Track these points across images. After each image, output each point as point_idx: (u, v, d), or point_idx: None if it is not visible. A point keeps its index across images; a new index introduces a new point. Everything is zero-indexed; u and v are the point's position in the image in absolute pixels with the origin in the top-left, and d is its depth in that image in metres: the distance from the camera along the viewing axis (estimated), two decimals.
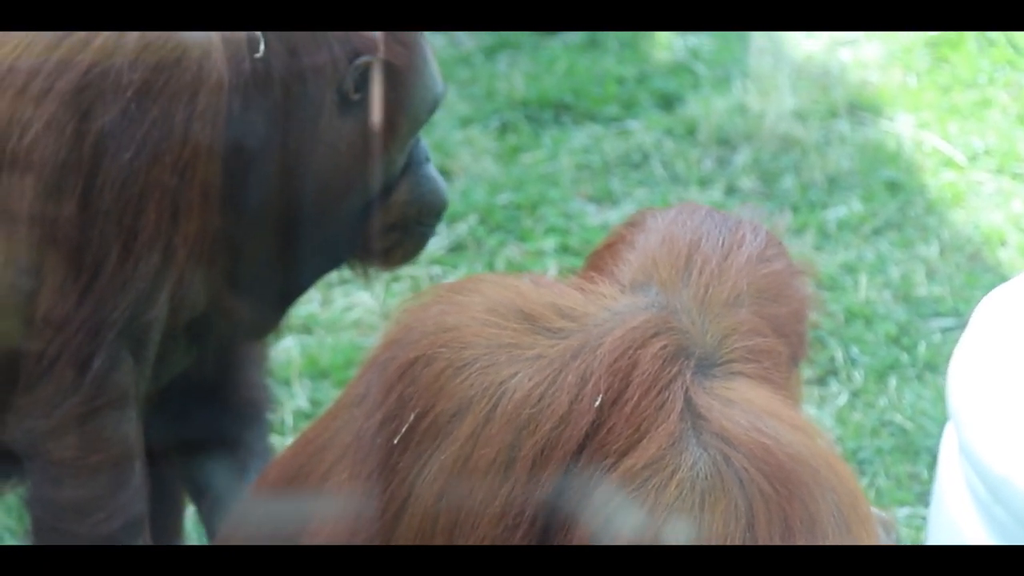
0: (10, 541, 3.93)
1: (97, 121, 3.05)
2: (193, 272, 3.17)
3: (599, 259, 2.66)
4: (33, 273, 3.12)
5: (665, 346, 2.40)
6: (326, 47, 3.21)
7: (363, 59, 3.20)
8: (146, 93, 3.06)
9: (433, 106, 3.35)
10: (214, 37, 3.09)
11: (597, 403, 2.36)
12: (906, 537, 3.93)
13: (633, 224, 2.67)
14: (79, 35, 3.07)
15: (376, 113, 3.24)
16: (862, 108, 5.74)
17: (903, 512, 4.02)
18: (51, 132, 3.07)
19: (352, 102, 3.21)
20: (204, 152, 3.09)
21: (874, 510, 2.54)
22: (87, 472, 3.16)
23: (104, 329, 3.11)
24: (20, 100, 3.09)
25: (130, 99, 3.06)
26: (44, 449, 3.17)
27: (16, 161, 3.09)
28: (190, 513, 3.99)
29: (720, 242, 2.57)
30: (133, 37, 3.05)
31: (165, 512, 3.70)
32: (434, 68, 3.34)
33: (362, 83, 3.21)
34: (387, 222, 3.33)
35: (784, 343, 2.56)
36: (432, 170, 3.38)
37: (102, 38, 3.06)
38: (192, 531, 3.98)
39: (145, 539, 3.23)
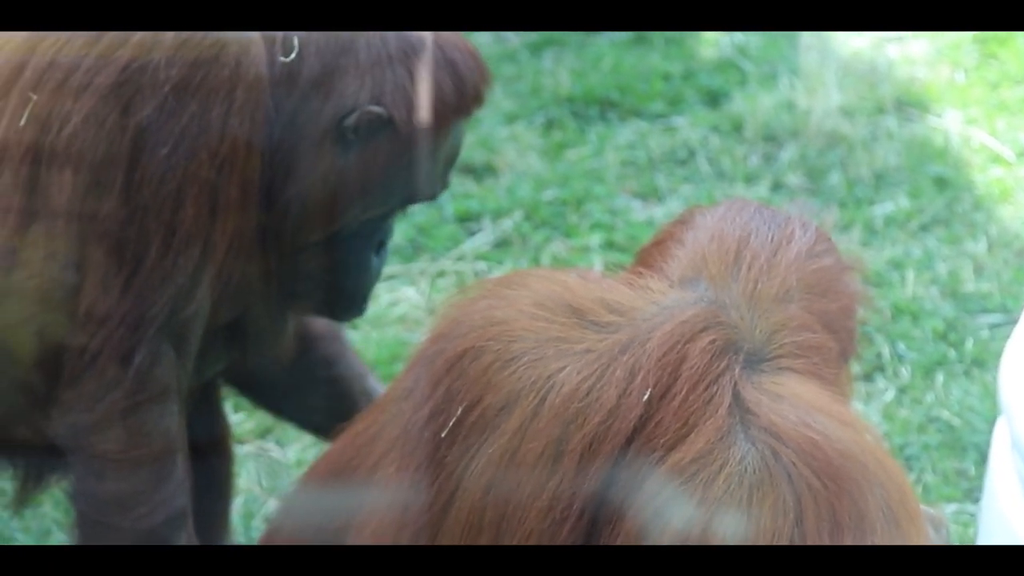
0: (57, 534, 3.96)
1: (135, 116, 3.07)
2: (232, 268, 3.18)
3: (647, 256, 2.66)
4: (75, 268, 3.14)
5: (714, 340, 2.39)
6: (355, 75, 3.19)
7: (378, 109, 3.18)
8: (184, 89, 3.07)
9: (410, 199, 3.30)
10: (253, 35, 3.09)
11: (646, 397, 2.36)
12: (954, 533, 3.91)
13: (682, 221, 2.67)
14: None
15: (358, 166, 3.23)
16: (909, 104, 5.70)
17: (951, 508, 4.00)
18: (90, 127, 3.08)
19: (347, 141, 3.19)
20: (242, 148, 3.10)
21: (924, 507, 2.52)
22: (129, 466, 3.18)
23: (145, 324, 3.12)
24: (59, 95, 3.10)
25: (168, 95, 3.07)
26: (87, 443, 3.19)
27: (55, 155, 3.10)
28: (237, 506, 4.01)
29: (769, 238, 2.56)
30: (171, 34, 3.06)
31: (212, 506, 3.71)
32: (434, 170, 3.29)
33: (364, 130, 3.19)
34: (306, 273, 3.31)
35: (834, 339, 2.55)
36: (375, 262, 3.33)
37: (141, 34, 3.07)
38: (239, 524, 3.99)
39: (188, 533, 3.24)
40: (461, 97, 3.25)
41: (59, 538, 3.93)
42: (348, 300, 3.38)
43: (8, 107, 3.12)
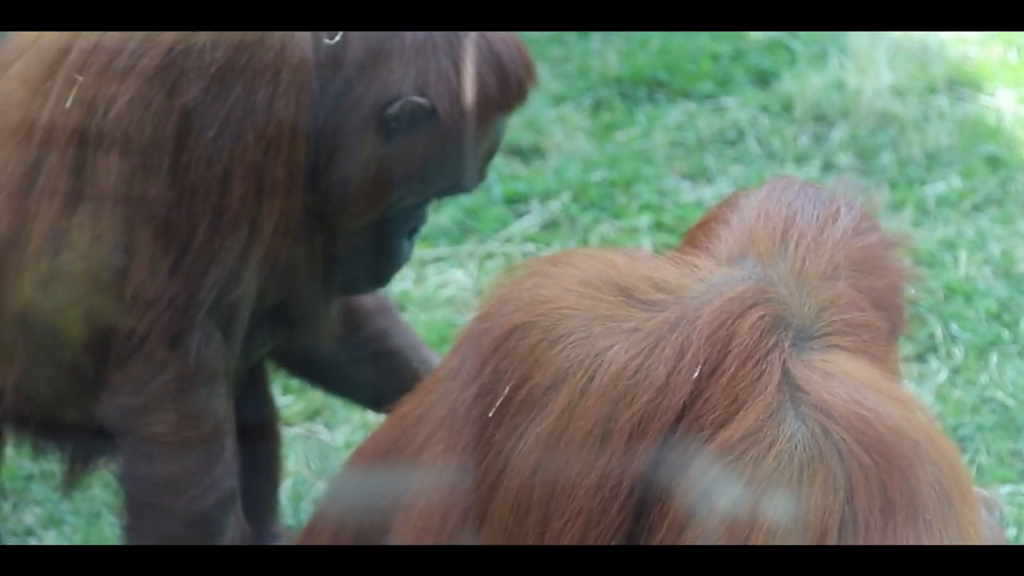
0: (107, 517, 3.97)
1: (181, 99, 3.07)
2: (279, 250, 3.18)
3: (693, 238, 2.64)
4: (122, 250, 3.14)
5: (763, 316, 2.37)
6: (400, 63, 3.18)
7: (421, 99, 3.17)
8: (229, 71, 3.07)
9: (449, 190, 3.31)
10: None
11: (695, 374, 2.34)
12: (1008, 515, 3.87)
13: (727, 203, 2.66)
14: None
15: (399, 155, 3.22)
16: (961, 83, 5.65)
17: (1005, 490, 3.96)
18: (136, 109, 3.09)
19: (389, 129, 3.19)
20: (288, 130, 3.09)
21: (978, 488, 2.49)
22: (179, 448, 3.19)
23: (193, 306, 3.12)
24: (104, 78, 3.11)
25: (213, 77, 3.07)
26: (136, 425, 3.19)
27: (102, 138, 3.11)
28: (285, 488, 4.01)
29: (815, 216, 2.54)
30: None
31: (260, 489, 3.72)
32: (474, 162, 3.28)
33: (406, 120, 3.18)
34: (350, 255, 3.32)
35: (882, 317, 2.53)
36: (406, 245, 3.33)
37: None
38: (288, 506, 4.00)
39: (237, 515, 3.25)
40: (504, 92, 3.24)
41: (109, 520, 3.94)
42: (372, 281, 3.39)
43: (54, 89, 3.13)
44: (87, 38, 3.11)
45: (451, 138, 3.20)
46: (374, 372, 3.67)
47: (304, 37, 3.09)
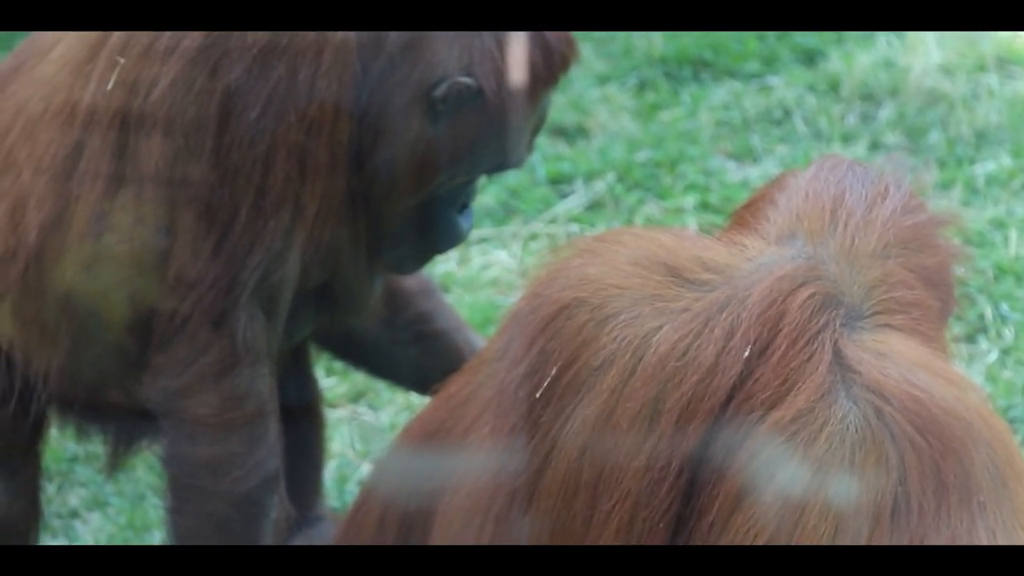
0: (151, 498, 3.99)
1: (223, 79, 3.06)
2: (322, 231, 3.17)
3: (740, 219, 2.62)
4: (165, 232, 3.14)
5: (813, 295, 2.35)
6: (444, 42, 3.16)
7: (468, 80, 3.16)
8: (271, 51, 3.06)
9: (498, 167, 3.31)
10: None
11: (745, 354, 2.32)
12: None
13: (775, 184, 2.64)
14: None
15: (447, 135, 3.21)
16: (1011, 61, 5.60)
17: None
18: (178, 90, 3.08)
19: (436, 111, 3.18)
20: (330, 110, 3.09)
21: None
22: (222, 429, 3.19)
23: (236, 287, 3.12)
24: (146, 59, 3.10)
25: (255, 57, 3.06)
26: (179, 407, 3.20)
27: (144, 120, 3.11)
28: (330, 470, 4.01)
29: (864, 195, 2.52)
30: None
31: (304, 471, 3.72)
32: (522, 138, 3.27)
33: (454, 100, 3.17)
34: (398, 232, 3.31)
35: (933, 295, 2.50)
36: (461, 220, 3.33)
37: None
38: (333, 488, 4.00)
39: (280, 497, 3.25)
40: (549, 66, 3.22)
41: (153, 502, 3.96)
42: (427, 258, 3.39)
43: (96, 71, 3.12)
44: None
45: (498, 116, 3.19)
46: (417, 354, 3.67)
47: None
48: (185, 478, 3.24)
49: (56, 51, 3.22)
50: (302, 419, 3.70)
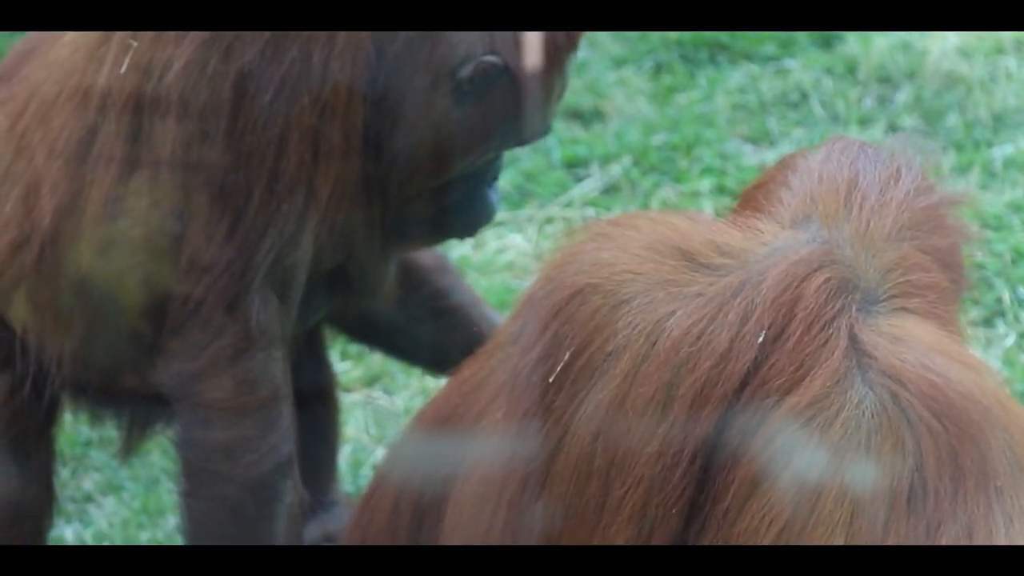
0: (165, 483, 3.99)
1: (237, 62, 3.05)
2: (336, 215, 3.16)
3: (752, 200, 2.61)
4: (179, 215, 3.14)
5: (829, 279, 2.34)
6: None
7: (494, 59, 3.14)
8: (284, 34, 3.05)
9: (524, 140, 3.30)
10: None
11: (760, 339, 2.30)
12: None
13: (785, 165, 2.62)
14: None
15: (475, 116, 3.19)
16: None
17: None
18: (192, 73, 3.07)
19: (463, 92, 3.16)
20: (344, 93, 3.08)
21: None
22: (236, 414, 3.18)
23: (250, 271, 3.11)
24: (159, 42, 3.09)
25: (268, 40, 3.05)
26: (193, 391, 3.19)
27: (157, 103, 3.10)
28: (345, 455, 4.01)
29: (877, 177, 2.51)
30: None
31: (318, 455, 3.72)
32: (549, 108, 3.27)
33: (480, 80, 3.15)
34: (425, 212, 3.29)
35: (947, 276, 2.49)
36: (490, 194, 3.31)
37: None
38: (347, 473, 4.00)
39: (294, 481, 3.24)
40: (569, 33, 3.21)
41: (167, 487, 3.96)
42: (464, 232, 3.39)
43: (109, 54, 3.12)
44: None
45: (525, 91, 3.18)
46: (434, 330, 3.66)
47: None
48: (199, 462, 3.23)
49: (69, 34, 3.21)
50: (317, 404, 3.70)
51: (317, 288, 3.30)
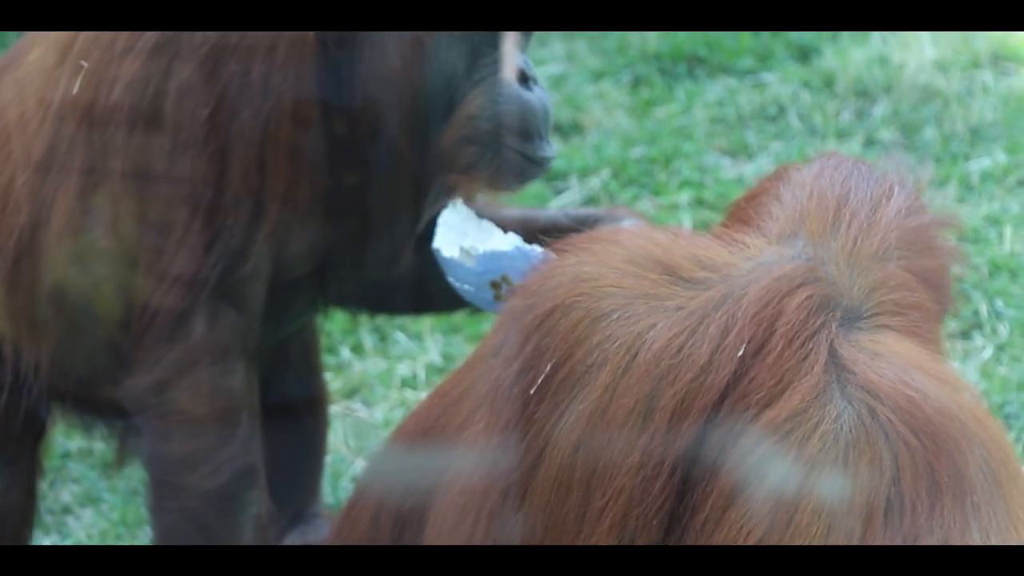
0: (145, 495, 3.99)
1: (176, 78, 3.07)
2: (290, 228, 3.16)
3: (741, 212, 2.61)
4: (133, 229, 3.16)
5: (811, 296, 2.35)
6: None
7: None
8: (222, 49, 3.06)
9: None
10: None
11: (740, 353, 2.31)
12: None
13: (777, 177, 2.63)
14: None
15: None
16: (1005, 58, 5.59)
17: None
18: (135, 90, 3.11)
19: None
20: (289, 107, 3.08)
21: None
22: (193, 425, 3.18)
23: (197, 284, 3.12)
24: (106, 60, 3.16)
25: (206, 56, 3.06)
26: (151, 404, 3.20)
27: (107, 120, 3.13)
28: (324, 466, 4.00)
29: (868, 195, 2.52)
30: None
31: (303, 467, 3.71)
32: None
33: None
34: (457, 137, 3.17)
35: (931, 297, 2.50)
36: (516, 88, 3.14)
37: None
38: (327, 484, 3.99)
39: (260, 492, 3.24)
40: None
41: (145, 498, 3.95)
42: (512, 127, 3.21)
43: (64, 74, 3.16)
44: None
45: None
46: None
47: None
48: (161, 475, 3.24)
49: (32, 54, 3.25)
50: (305, 415, 3.69)
51: (293, 294, 3.30)
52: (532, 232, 3.33)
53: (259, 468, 3.23)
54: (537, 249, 3.13)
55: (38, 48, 3.23)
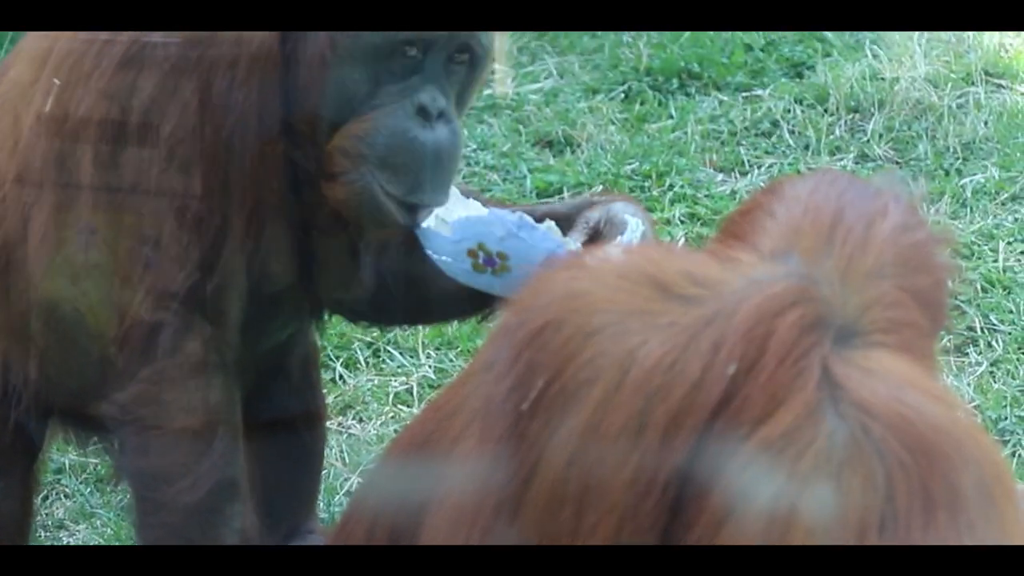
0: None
1: (140, 95, 3.09)
2: (258, 241, 3.17)
3: (735, 227, 2.61)
4: (104, 245, 3.17)
5: (803, 315, 2.34)
6: None
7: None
8: (183, 66, 3.07)
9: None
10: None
11: (730, 371, 2.30)
12: None
13: (771, 192, 2.62)
14: None
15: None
16: (998, 73, 5.61)
17: None
18: (102, 106, 3.16)
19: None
20: (250, 122, 3.08)
21: (1020, 484, 2.46)
22: (169, 439, 3.19)
23: (165, 300, 3.13)
24: (75, 78, 3.20)
25: (168, 73, 3.07)
26: (129, 419, 3.21)
27: (77, 136, 3.16)
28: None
29: (863, 212, 2.51)
30: None
31: (299, 483, 3.71)
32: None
33: None
34: (332, 163, 3.13)
35: (925, 314, 2.49)
36: (405, 122, 3.08)
37: None
38: (320, 500, 3.99)
39: (242, 506, 3.24)
40: None
41: None
42: (380, 160, 3.14)
43: (38, 92, 3.19)
44: (66, 40, 3.15)
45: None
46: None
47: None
48: (142, 490, 3.26)
49: (12, 71, 3.28)
50: (303, 432, 3.69)
51: (272, 312, 3.30)
52: None
53: (241, 481, 3.23)
54: (512, 215, 3.11)
55: (17, 65, 3.26)
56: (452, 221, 3.08)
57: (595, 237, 3.20)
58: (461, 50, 3.12)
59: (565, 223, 3.26)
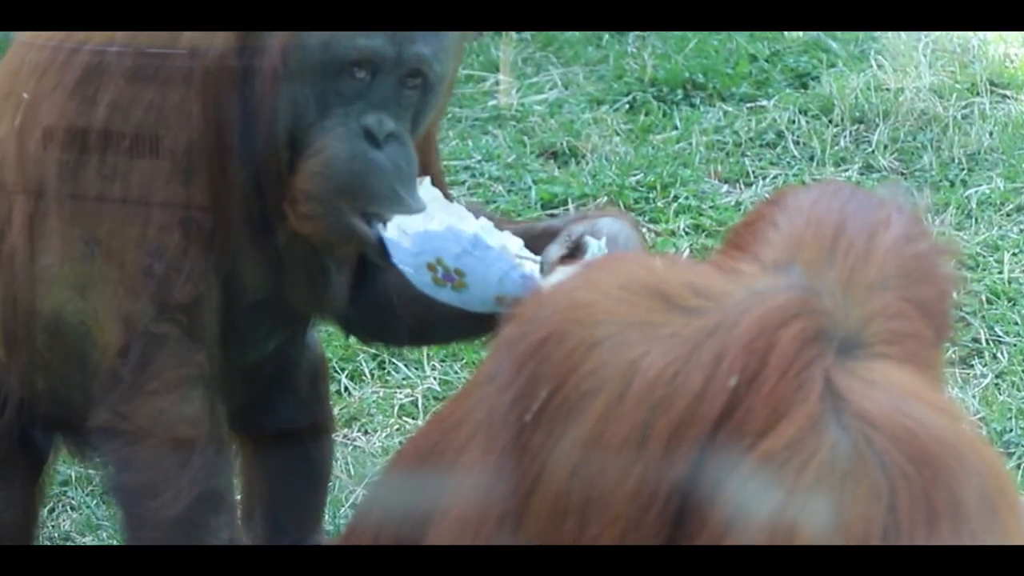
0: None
1: (99, 105, 3.11)
2: (223, 254, 3.17)
3: (739, 238, 2.61)
4: (80, 259, 3.18)
5: (805, 327, 2.34)
6: None
7: None
8: (141, 76, 3.08)
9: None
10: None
11: (732, 383, 2.30)
12: None
13: (775, 203, 2.62)
14: None
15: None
16: (1003, 84, 5.61)
17: None
18: (65, 118, 3.18)
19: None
20: (212, 134, 3.09)
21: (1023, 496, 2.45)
22: (149, 454, 3.19)
23: (135, 314, 3.13)
24: (41, 90, 3.20)
25: (127, 82, 3.08)
26: (110, 435, 3.21)
27: (44, 148, 3.15)
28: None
29: (866, 223, 2.50)
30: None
31: (306, 496, 3.71)
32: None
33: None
34: (296, 184, 3.13)
35: (929, 325, 2.49)
36: (352, 146, 3.08)
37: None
38: (326, 512, 3.98)
39: (228, 518, 3.24)
40: None
41: None
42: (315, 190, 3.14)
43: (10, 106, 3.21)
44: (36, 54, 3.16)
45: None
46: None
47: (222, 38, 3.08)
48: (126, 506, 3.26)
49: None
50: (310, 444, 3.69)
51: (253, 324, 3.31)
52: (529, 238, 3.34)
53: (226, 493, 3.23)
54: (468, 233, 3.10)
55: None
56: (412, 233, 3.06)
57: (576, 252, 3.18)
58: (412, 75, 3.13)
59: (544, 239, 3.23)
